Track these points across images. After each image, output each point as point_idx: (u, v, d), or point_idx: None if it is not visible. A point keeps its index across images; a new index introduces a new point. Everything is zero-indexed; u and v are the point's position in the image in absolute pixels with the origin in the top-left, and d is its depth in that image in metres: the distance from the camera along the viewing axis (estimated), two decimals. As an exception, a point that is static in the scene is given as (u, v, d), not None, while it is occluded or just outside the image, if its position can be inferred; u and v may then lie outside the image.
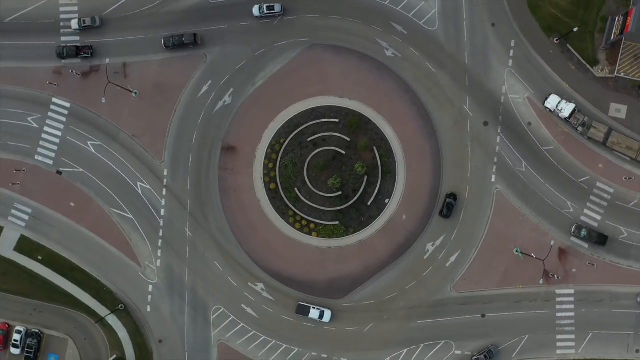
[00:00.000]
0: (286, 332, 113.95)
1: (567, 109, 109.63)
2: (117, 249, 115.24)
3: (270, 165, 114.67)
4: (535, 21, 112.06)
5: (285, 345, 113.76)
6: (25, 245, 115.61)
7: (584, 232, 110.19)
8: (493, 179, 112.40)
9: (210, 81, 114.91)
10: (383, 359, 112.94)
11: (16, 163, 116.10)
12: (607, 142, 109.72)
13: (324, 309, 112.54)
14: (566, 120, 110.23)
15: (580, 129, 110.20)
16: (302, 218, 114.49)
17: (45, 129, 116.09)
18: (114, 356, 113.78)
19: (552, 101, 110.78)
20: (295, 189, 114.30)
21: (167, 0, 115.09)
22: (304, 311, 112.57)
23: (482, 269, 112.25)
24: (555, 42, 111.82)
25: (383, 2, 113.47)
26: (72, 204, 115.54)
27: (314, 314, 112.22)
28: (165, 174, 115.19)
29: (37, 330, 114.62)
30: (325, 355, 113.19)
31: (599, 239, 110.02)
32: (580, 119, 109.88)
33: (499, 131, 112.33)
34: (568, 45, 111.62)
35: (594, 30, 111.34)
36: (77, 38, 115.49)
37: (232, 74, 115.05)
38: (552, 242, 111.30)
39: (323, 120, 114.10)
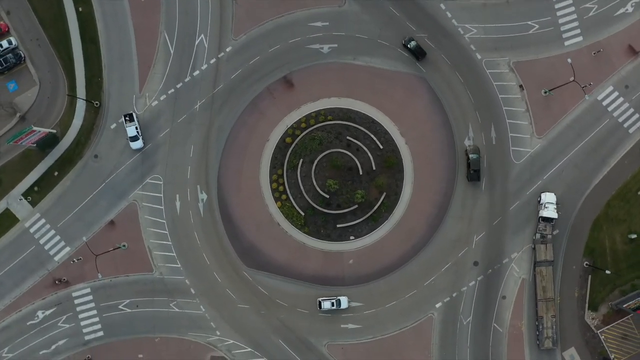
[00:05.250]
0: (185, 247, 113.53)
1: (549, 212, 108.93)
2: (138, 61, 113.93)
3: (303, 125, 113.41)
4: (587, 236, 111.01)
5: (174, 254, 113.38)
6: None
7: (412, 44, 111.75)
8: (437, 305, 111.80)
9: (327, 23, 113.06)
10: (228, 339, 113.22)
11: None
12: (537, 265, 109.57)
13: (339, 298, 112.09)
14: (539, 218, 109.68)
15: (537, 234, 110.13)
16: (283, 184, 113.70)
17: None
18: (54, 131, 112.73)
19: (547, 198, 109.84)
20: (301, 160, 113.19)
21: None
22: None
23: (363, 355, 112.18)
24: (584, 265, 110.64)
25: (504, 106, 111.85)
26: (142, 0, 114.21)
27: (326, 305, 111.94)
28: (227, 50, 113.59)
29: (23, 54, 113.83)
30: (193, 291, 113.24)
31: (419, 52, 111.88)
32: (547, 229, 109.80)
33: (478, 279, 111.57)
34: (589, 277, 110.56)
35: (620, 286, 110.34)
36: None
37: (347, 35, 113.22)
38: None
39: (372, 136, 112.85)
